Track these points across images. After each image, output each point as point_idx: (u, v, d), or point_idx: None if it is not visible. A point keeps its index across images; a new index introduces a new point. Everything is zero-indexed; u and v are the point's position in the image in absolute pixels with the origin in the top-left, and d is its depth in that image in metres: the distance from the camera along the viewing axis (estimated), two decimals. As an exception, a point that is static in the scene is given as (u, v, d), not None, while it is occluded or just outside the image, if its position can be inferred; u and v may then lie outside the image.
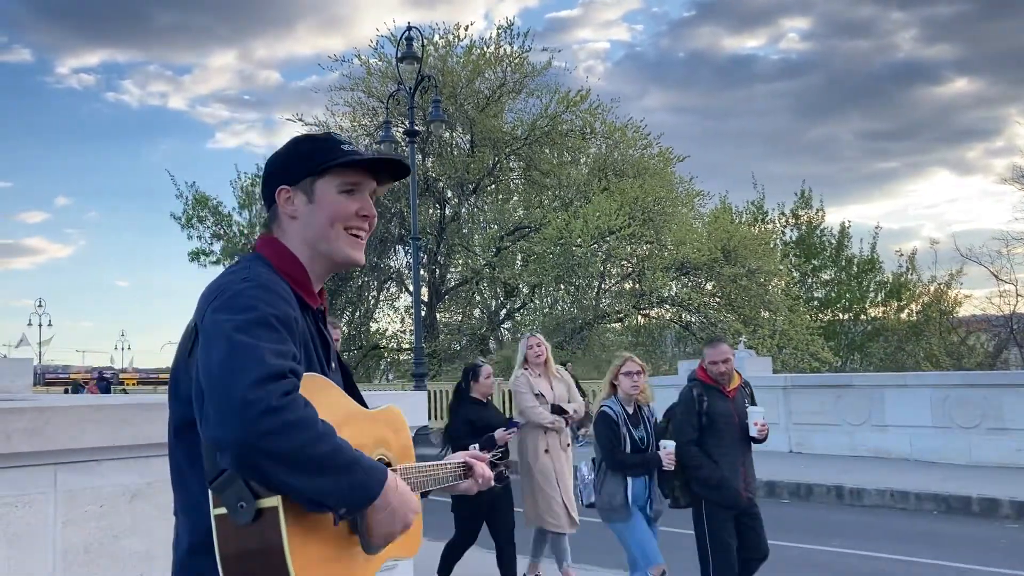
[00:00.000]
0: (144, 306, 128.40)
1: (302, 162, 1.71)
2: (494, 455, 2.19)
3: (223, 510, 1.42)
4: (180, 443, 1.61)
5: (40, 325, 55.89)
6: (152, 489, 3.19)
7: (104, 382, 24.75)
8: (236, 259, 1.74)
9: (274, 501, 1.40)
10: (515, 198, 26.44)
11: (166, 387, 1.69)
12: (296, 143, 1.79)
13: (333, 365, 1.78)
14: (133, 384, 60.67)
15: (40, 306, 56.57)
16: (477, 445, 4.79)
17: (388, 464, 1.66)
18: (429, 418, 15.87)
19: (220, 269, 36.25)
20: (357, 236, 1.73)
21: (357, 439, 1.51)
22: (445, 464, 1.96)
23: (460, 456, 2.04)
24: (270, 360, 1.40)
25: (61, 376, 60.63)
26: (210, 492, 1.44)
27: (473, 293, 26.36)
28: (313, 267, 1.72)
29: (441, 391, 18.97)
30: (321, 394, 1.50)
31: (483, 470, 2.00)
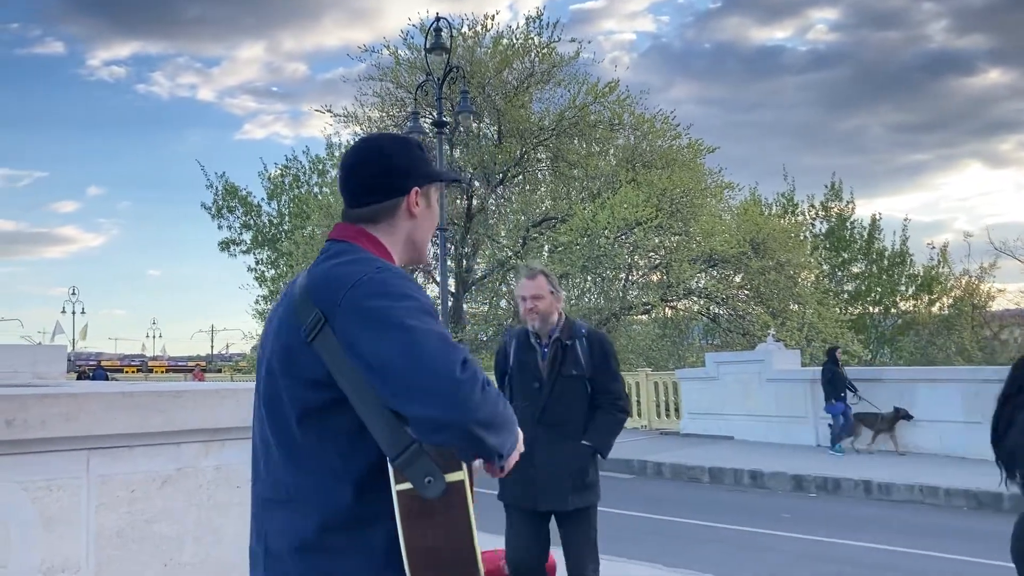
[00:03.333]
0: (175, 295, 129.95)
1: (427, 166, 1.85)
2: None
3: (407, 485, 1.50)
4: (307, 427, 1.61)
5: (74, 313, 56.73)
6: (182, 475, 3.24)
7: (101, 371, 25.13)
8: (330, 248, 1.76)
9: (460, 475, 1.51)
10: (542, 189, 26.38)
11: (191, 375, 1.71)
12: (411, 146, 1.87)
13: None
14: (162, 372, 61.43)
15: (74, 294, 57.43)
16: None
17: None
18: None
19: (250, 258, 36.48)
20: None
21: None
22: None
23: None
24: (456, 345, 1.52)
25: (92, 364, 61.50)
26: (392, 469, 1.51)
27: (500, 283, 26.38)
28: (401, 262, 1.83)
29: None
30: None
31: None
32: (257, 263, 35.83)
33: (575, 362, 4.11)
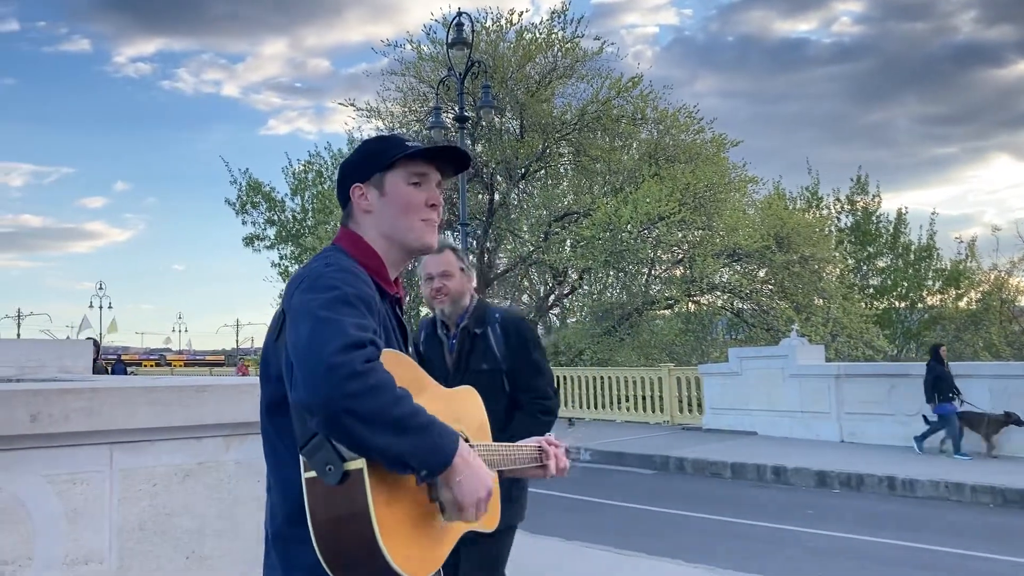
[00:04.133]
0: (200, 289, 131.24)
1: (372, 160, 1.86)
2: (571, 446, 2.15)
3: (313, 473, 1.53)
4: (272, 420, 1.72)
5: (101, 308, 57.32)
6: (203, 469, 3.28)
7: (121, 365, 25.50)
8: (319, 252, 1.84)
9: (359, 464, 1.49)
10: (564, 183, 26.35)
11: (210, 368, 1.76)
12: (366, 144, 1.93)
13: (410, 351, 1.89)
14: (180, 366, 61.95)
15: (101, 289, 58.04)
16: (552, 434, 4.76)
17: (465, 440, 1.70)
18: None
19: (274, 254, 36.80)
20: (427, 222, 1.85)
21: (434, 413, 1.57)
22: (521, 447, 2.03)
23: (535, 441, 2.08)
24: (352, 331, 1.50)
25: (113, 358, 62.11)
26: (301, 456, 1.55)
27: (522, 278, 26.39)
28: (389, 256, 1.84)
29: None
30: (401, 368, 1.59)
31: (560, 458, 2.05)
32: (281, 258, 36.05)
33: (486, 354, 3.43)
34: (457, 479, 1.55)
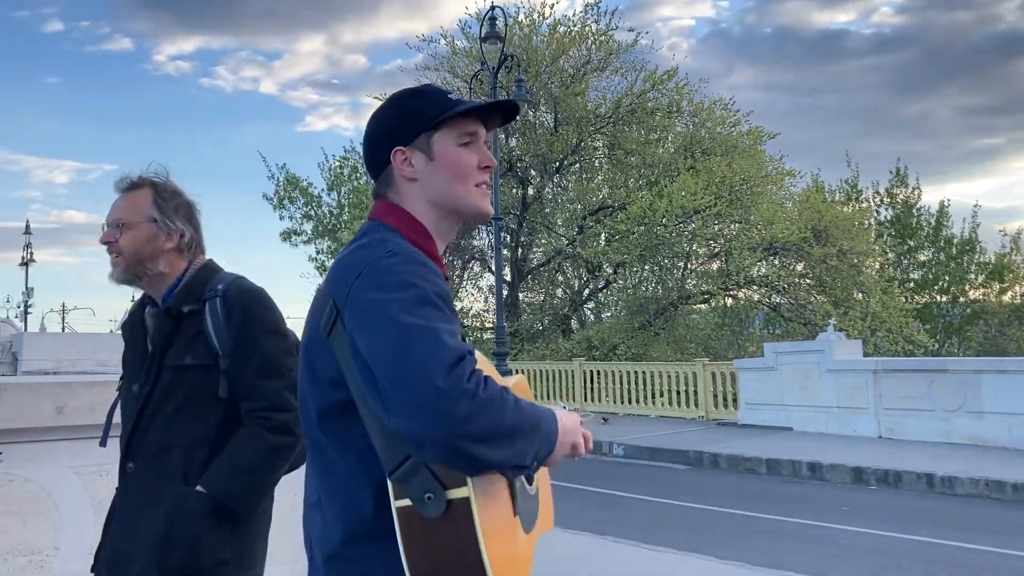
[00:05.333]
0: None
1: (413, 119, 1.61)
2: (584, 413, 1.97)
3: (406, 502, 1.35)
4: (325, 429, 1.51)
5: (142, 302, 58.18)
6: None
7: None
8: (360, 230, 1.64)
9: (465, 492, 1.34)
10: (599, 177, 26.25)
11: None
12: (399, 100, 1.67)
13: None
14: None
15: (142, 284, 58.88)
16: (566, 406, 4.66)
17: None
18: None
19: (311, 249, 37.14)
20: (481, 186, 1.65)
21: None
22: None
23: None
24: (449, 342, 1.33)
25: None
26: (390, 483, 1.37)
27: (556, 272, 26.34)
28: (440, 228, 1.64)
29: (522, 370, 19.08)
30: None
31: (587, 436, 1.85)
32: (318, 253, 36.36)
33: (193, 343, 2.27)
34: (556, 454, 1.50)
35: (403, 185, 1.62)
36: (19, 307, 49.77)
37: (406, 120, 1.62)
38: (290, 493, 3.48)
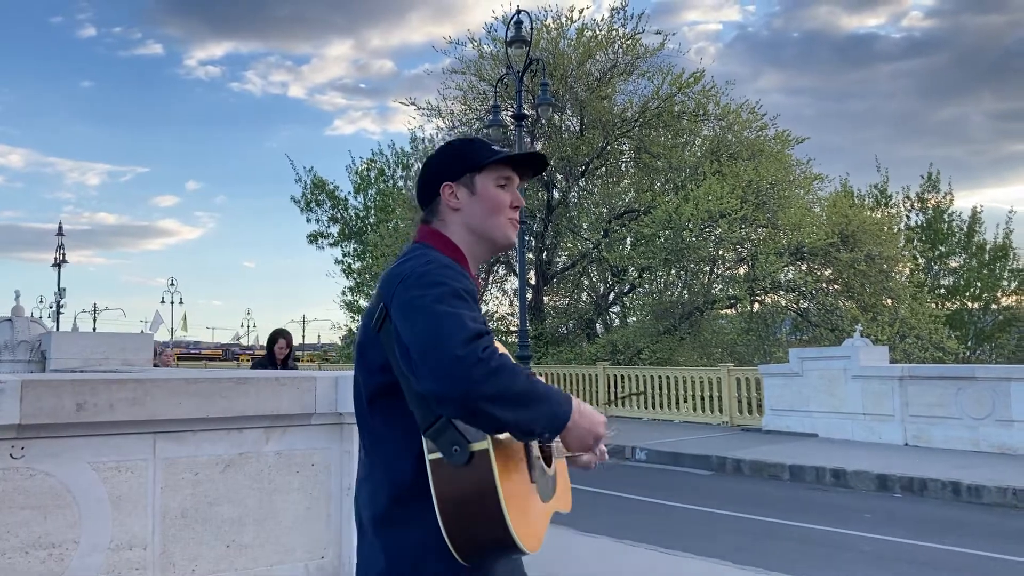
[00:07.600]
0: (268, 286, 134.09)
1: (461, 160, 1.97)
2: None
3: (438, 455, 1.65)
4: (375, 409, 1.82)
5: (172, 303, 58.88)
6: (243, 460, 3.35)
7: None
8: (405, 250, 1.95)
9: (484, 444, 1.63)
10: (625, 181, 26.19)
11: (221, 362, 1.80)
12: (452, 146, 2.05)
13: None
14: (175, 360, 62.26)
15: (172, 285, 59.60)
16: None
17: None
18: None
19: (337, 251, 37.38)
20: (511, 220, 2.00)
21: None
22: None
23: None
24: (469, 323, 1.62)
25: (192, 352, 63.63)
26: (424, 439, 1.67)
27: (581, 276, 26.31)
28: (474, 251, 1.97)
29: (545, 374, 19.07)
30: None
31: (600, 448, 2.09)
32: (344, 255, 36.59)
33: None
34: (572, 435, 1.73)
35: (447, 213, 1.96)
36: (52, 307, 50.52)
37: (457, 161, 1.97)
38: (303, 493, 3.53)
